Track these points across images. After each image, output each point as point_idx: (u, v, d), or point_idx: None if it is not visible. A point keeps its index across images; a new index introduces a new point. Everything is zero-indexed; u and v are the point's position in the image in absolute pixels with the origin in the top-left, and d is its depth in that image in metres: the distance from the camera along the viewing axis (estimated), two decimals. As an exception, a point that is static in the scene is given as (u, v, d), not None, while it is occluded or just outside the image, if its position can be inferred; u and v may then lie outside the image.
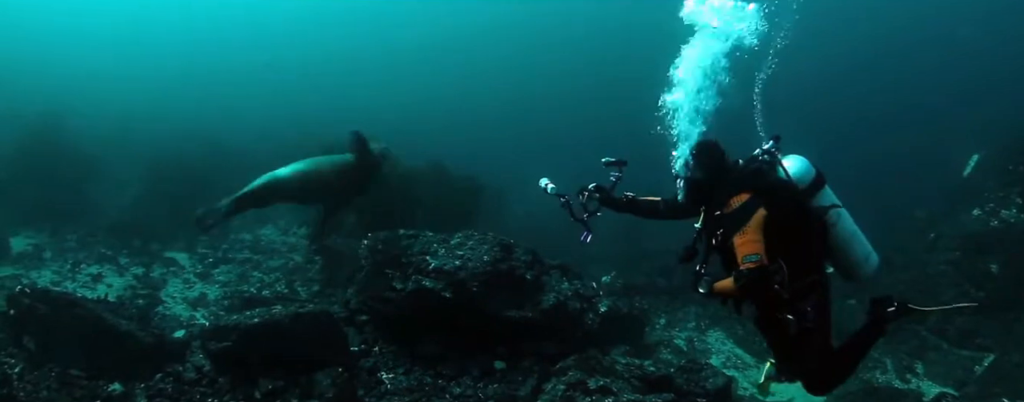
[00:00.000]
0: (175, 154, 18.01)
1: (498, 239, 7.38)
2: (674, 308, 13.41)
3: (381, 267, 7.42)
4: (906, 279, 13.08)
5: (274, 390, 6.61)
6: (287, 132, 21.15)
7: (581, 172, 5.30)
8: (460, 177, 12.92)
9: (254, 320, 6.86)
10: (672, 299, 13.54)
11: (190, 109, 27.75)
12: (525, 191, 13.57)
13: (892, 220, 15.29)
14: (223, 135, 21.60)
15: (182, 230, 14.46)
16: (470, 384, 6.86)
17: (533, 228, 13.72)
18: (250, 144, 21.00)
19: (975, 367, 11.02)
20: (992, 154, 14.54)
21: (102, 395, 6.51)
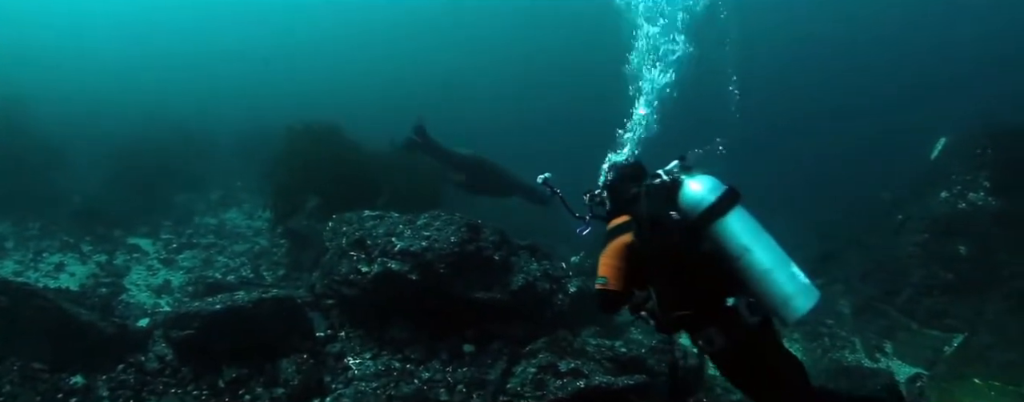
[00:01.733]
0: (140, 140, 17.75)
1: (465, 220, 7.23)
2: (642, 288, 13.41)
3: (346, 250, 7.25)
4: (876, 260, 13.19)
5: (238, 378, 6.49)
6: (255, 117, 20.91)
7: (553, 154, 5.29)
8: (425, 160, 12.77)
9: (216, 307, 6.71)
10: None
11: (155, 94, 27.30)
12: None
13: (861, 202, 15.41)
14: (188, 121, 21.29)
15: (146, 216, 14.26)
16: (439, 368, 6.73)
17: (501, 209, 13.63)
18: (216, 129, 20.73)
19: (944, 347, 11.10)
20: (959, 138, 14.63)
21: (64, 389, 6.31)
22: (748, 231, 4.06)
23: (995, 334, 10.65)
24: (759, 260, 3.97)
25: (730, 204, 4.12)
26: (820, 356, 11.30)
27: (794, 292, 3.90)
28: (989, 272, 11.81)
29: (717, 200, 4.10)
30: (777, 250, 4.03)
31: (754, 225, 4.11)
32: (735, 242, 4.03)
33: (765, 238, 4.06)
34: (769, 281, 3.94)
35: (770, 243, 4.04)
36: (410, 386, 6.45)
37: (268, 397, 6.29)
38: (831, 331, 12.13)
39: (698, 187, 4.16)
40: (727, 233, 4.05)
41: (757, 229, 4.10)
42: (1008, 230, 12.22)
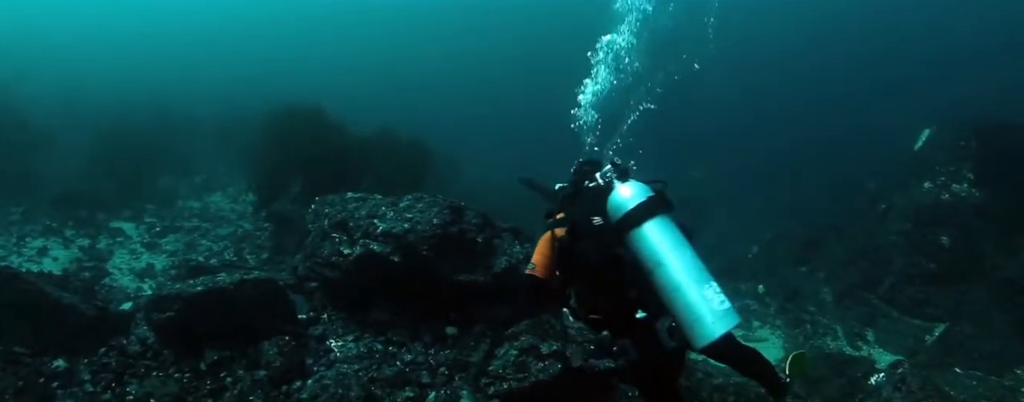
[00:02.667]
0: (123, 123, 17.61)
1: (448, 202, 7.19)
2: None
3: (328, 232, 7.20)
4: (858, 248, 13.25)
5: (220, 360, 6.46)
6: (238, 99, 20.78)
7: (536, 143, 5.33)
8: (409, 143, 12.75)
9: (197, 288, 6.67)
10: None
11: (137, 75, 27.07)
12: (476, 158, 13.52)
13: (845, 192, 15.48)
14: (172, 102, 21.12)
15: (130, 199, 14.18)
16: (421, 350, 6.72)
17: (485, 192, 13.61)
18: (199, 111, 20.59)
19: (926, 336, 11.18)
20: (944, 130, 14.70)
21: (46, 372, 6.27)
22: (666, 243, 3.93)
23: (977, 325, 10.73)
24: (671, 275, 3.85)
25: (650, 213, 4.01)
26: (802, 343, 11.35)
27: (703, 315, 3.72)
28: (972, 263, 11.90)
29: (636, 207, 4.03)
30: (695, 268, 3.85)
31: (675, 238, 3.97)
32: (649, 253, 3.93)
33: (684, 253, 3.91)
34: (679, 299, 3.80)
35: (688, 259, 3.88)
36: (392, 368, 6.43)
37: (250, 379, 6.25)
38: (813, 318, 12.20)
39: (624, 193, 4.11)
40: (643, 242, 3.96)
41: (678, 243, 3.94)
42: (991, 222, 12.31)
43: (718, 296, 3.75)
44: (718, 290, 3.78)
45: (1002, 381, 10.06)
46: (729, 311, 3.75)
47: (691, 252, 3.91)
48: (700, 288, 3.76)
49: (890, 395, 4.96)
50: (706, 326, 3.70)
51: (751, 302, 13.36)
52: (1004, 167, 13.07)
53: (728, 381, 6.72)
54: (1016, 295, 10.79)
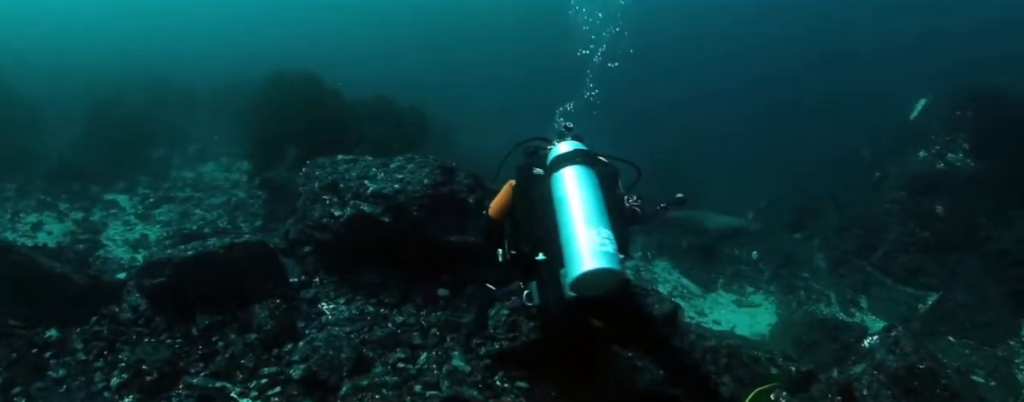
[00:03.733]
0: (116, 94, 17.52)
1: (439, 162, 7.13)
2: (619, 237, 13.51)
3: (318, 194, 7.16)
4: (852, 216, 13.26)
5: (211, 325, 6.42)
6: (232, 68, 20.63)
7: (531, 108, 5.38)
8: (405, 109, 12.70)
9: (188, 253, 6.62)
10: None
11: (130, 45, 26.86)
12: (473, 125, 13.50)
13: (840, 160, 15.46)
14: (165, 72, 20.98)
15: (123, 171, 14.13)
16: (413, 312, 6.70)
17: (479, 155, 13.60)
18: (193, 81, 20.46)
19: (919, 305, 11.22)
20: (939, 99, 14.65)
21: (39, 343, 6.22)
22: (572, 186, 4.15)
23: (970, 294, 10.75)
24: (565, 213, 4.05)
25: (570, 161, 4.31)
26: (795, 308, 11.39)
27: (579, 250, 3.82)
28: (966, 233, 11.90)
29: (561, 155, 4.38)
30: (591, 212, 4.00)
31: (584, 185, 4.16)
32: (556, 193, 4.18)
33: (586, 198, 4.08)
34: (564, 234, 3.97)
35: (587, 203, 4.05)
36: (383, 330, 6.42)
37: (241, 343, 6.23)
38: (807, 284, 12.24)
39: (560, 147, 4.49)
40: (554, 184, 4.24)
41: (584, 189, 4.13)
42: (985, 192, 12.30)
43: (601, 239, 3.84)
44: (606, 236, 3.87)
45: (995, 351, 10.10)
46: (606, 254, 3.80)
47: (595, 200, 4.09)
48: (587, 228, 3.93)
49: (883, 357, 4.96)
50: (578, 260, 3.81)
51: (745, 268, 13.41)
52: (1000, 138, 13.05)
53: (722, 343, 6.71)
54: (1010, 266, 10.81)
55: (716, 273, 13.13)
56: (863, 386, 4.92)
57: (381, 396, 5.58)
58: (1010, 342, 10.29)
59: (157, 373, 5.74)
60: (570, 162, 4.30)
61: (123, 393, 5.60)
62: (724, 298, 12.35)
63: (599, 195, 4.14)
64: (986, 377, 9.49)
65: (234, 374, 5.91)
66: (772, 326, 10.98)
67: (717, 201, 16.30)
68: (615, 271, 3.80)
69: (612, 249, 3.84)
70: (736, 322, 11.05)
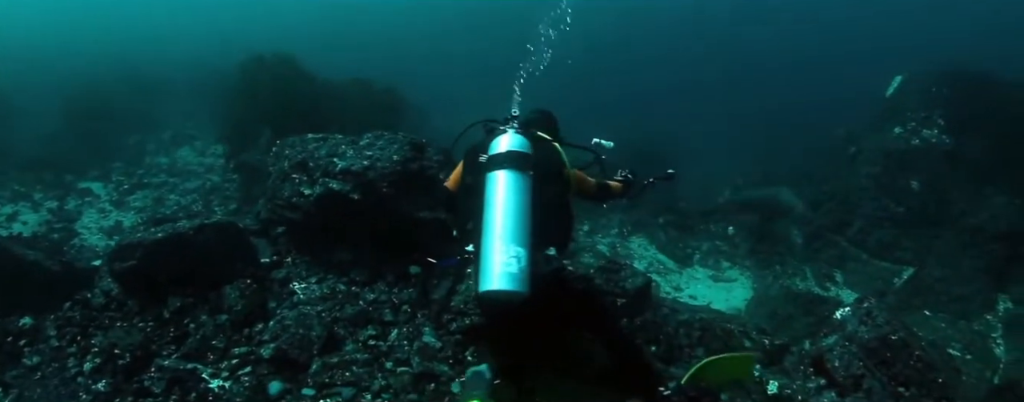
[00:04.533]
0: (89, 82, 17.34)
1: (409, 138, 7.07)
2: (597, 214, 13.53)
3: (288, 172, 7.09)
4: (828, 191, 13.34)
5: (183, 307, 6.36)
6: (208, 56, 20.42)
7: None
8: (381, 91, 12.66)
9: (158, 235, 6.54)
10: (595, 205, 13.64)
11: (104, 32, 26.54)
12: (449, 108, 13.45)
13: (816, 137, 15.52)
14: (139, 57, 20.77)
15: (98, 159, 14.02)
16: (384, 289, 6.66)
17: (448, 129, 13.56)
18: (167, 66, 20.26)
19: (894, 279, 11.32)
20: (915, 76, 14.72)
21: (13, 331, 6.18)
22: (503, 194, 4.13)
23: (945, 268, 10.85)
24: (490, 222, 4.06)
25: (506, 164, 4.24)
26: (771, 283, 11.45)
27: (489, 267, 3.93)
28: (940, 208, 12.00)
29: (498, 154, 4.31)
30: (513, 227, 4.02)
31: (515, 194, 4.14)
32: (488, 196, 4.18)
33: (512, 210, 4.08)
34: (483, 245, 4.03)
35: (512, 217, 4.06)
36: (355, 307, 6.38)
37: (212, 324, 6.19)
38: (782, 259, 12.30)
39: (503, 141, 4.40)
40: (488, 185, 4.21)
41: (514, 199, 4.12)
42: (960, 168, 12.39)
43: (508, 258, 3.90)
44: (520, 256, 3.93)
45: (971, 325, 10.20)
46: (508, 275, 3.89)
47: (520, 213, 4.09)
48: (504, 245, 3.95)
49: (855, 329, 4.96)
50: (483, 276, 3.96)
51: (721, 244, 13.47)
52: (975, 115, 13.14)
53: (694, 317, 6.73)
54: (985, 242, 10.92)
55: (692, 249, 13.17)
56: (835, 357, 4.89)
57: (351, 373, 5.56)
58: (987, 316, 10.41)
59: (130, 356, 5.71)
60: (500, 166, 4.26)
61: (96, 377, 5.58)
62: (700, 273, 12.40)
63: (521, 206, 4.13)
64: (962, 350, 9.59)
65: (205, 355, 5.89)
66: (748, 300, 11.04)
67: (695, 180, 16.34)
68: (513, 292, 3.91)
69: (517, 268, 3.90)
70: (712, 297, 11.11)
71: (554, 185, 4.52)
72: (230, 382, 5.58)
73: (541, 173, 4.38)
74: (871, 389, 4.62)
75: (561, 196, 4.63)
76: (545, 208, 4.29)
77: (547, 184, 4.42)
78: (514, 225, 4.04)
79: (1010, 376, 8.80)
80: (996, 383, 8.84)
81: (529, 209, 4.16)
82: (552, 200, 4.44)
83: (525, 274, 3.94)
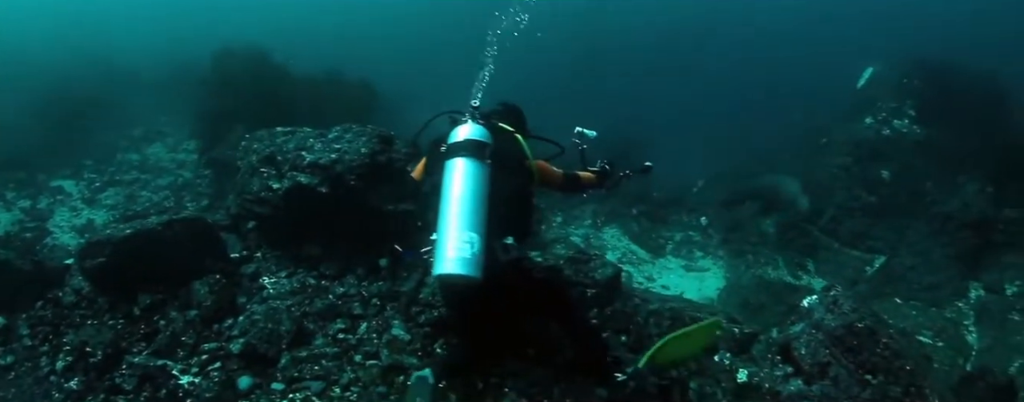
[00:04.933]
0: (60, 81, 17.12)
1: (377, 131, 7.05)
2: (571, 205, 13.57)
3: (256, 167, 7.05)
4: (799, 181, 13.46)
5: (152, 304, 6.35)
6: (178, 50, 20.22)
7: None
8: (354, 84, 12.64)
9: (126, 231, 6.49)
10: (568, 196, 13.68)
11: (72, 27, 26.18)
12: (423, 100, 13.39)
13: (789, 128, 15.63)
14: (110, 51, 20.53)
15: (69, 157, 13.90)
16: (354, 283, 6.66)
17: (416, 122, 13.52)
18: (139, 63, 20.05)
19: (866, 268, 11.42)
20: (886, 68, 14.87)
21: None
22: (459, 181, 4.24)
23: (917, 257, 10.95)
24: (446, 207, 4.18)
25: (463, 152, 4.33)
26: (743, 272, 11.53)
27: (442, 251, 4.06)
28: (912, 197, 12.12)
29: (456, 143, 4.41)
30: (468, 213, 4.13)
31: (471, 181, 4.24)
32: (445, 183, 4.28)
33: (468, 196, 4.18)
34: (441, 231, 4.14)
35: (467, 203, 4.16)
36: (324, 301, 6.37)
37: (182, 321, 6.18)
38: (755, 249, 12.39)
39: (461, 130, 4.50)
40: (445, 172, 4.31)
41: (470, 185, 4.22)
42: (931, 157, 12.52)
43: (466, 245, 4.02)
44: (473, 241, 4.04)
45: (942, 312, 10.30)
46: (462, 260, 4.00)
47: (474, 199, 4.19)
48: (458, 231, 4.06)
49: (822, 316, 5.00)
50: (439, 262, 4.08)
51: (694, 234, 13.56)
52: (945, 105, 13.29)
53: (664, 306, 6.76)
54: (955, 230, 11.01)
55: (665, 239, 13.25)
56: (801, 345, 4.91)
57: (321, 367, 5.55)
58: (958, 304, 10.50)
59: (101, 354, 5.72)
60: (456, 154, 4.35)
61: (69, 376, 5.60)
62: (673, 263, 12.49)
63: (476, 193, 4.22)
64: (933, 338, 9.67)
65: (175, 352, 5.88)
66: (720, 290, 11.12)
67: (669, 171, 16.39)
68: (465, 277, 4.00)
69: (470, 253, 4.01)
70: (685, 287, 11.18)
71: (514, 176, 4.59)
72: (200, 378, 5.58)
73: (500, 163, 4.45)
74: (837, 376, 4.65)
75: (522, 186, 4.69)
76: (503, 197, 4.37)
77: (506, 174, 4.49)
78: (468, 211, 4.12)
79: (982, 363, 8.88)
80: (968, 370, 8.91)
81: (484, 197, 4.24)
82: (511, 190, 4.50)
83: (478, 259, 4.03)
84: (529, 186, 4.79)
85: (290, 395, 5.30)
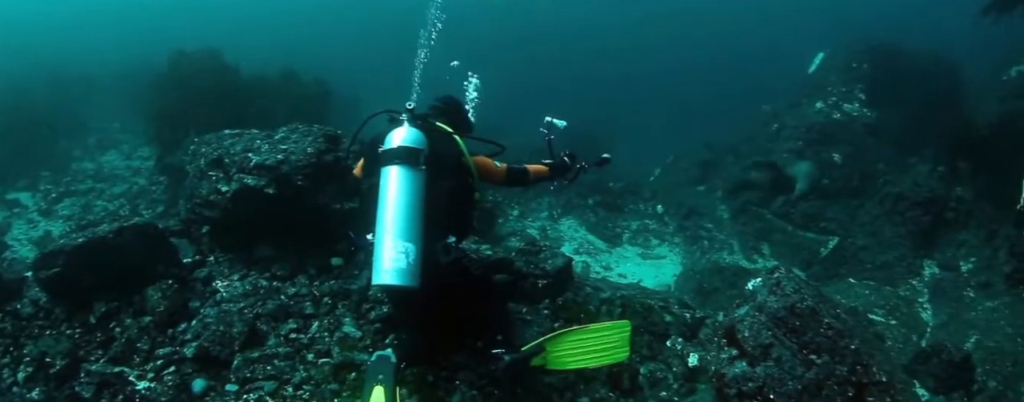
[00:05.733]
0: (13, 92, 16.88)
1: (323, 130, 7.09)
2: (527, 199, 13.65)
3: (205, 170, 7.04)
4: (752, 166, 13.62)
5: (108, 312, 6.34)
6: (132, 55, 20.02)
7: None
8: (310, 83, 12.62)
9: (79, 240, 6.47)
10: (525, 190, 13.76)
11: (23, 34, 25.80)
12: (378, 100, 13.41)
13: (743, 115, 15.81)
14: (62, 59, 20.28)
15: (24, 169, 13.74)
16: (306, 283, 6.69)
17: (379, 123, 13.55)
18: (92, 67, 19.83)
19: (820, 249, 11.58)
20: (837, 53, 15.10)
21: None
22: (394, 190, 4.26)
23: (869, 237, 11.09)
24: (382, 216, 4.24)
25: (396, 160, 4.34)
26: (698, 258, 11.67)
27: (378, 260, 4.18)
28: (864, 179, 12.30)
29: (391, 149, 4.40)
30: (403, 222, 4.18)
31: (406, 190, 4.27)
32: (381, 190, 4.32)
33: (403, 205, 4.22)
34: (377, 239, 4.24)
35: (402, 212, 4.20)
36: (276, 302, 6.39)
37: (136, 327, 6.19)
38: (710, 234, 12.55)
39: (397, 134, 4.47)
40: (381, 179, 4.34)
41: (405, 195, 4.25)
42: (882, 140, 12.73)
43: (401, 255, 4.11)
44: (408, 251, 4.13)
45: (896, 291, 10.44)
46: (396, 271, 4.12)
47: (409, 209, 4.24)
48: (393, 240, 4.14)
49: (765, 298, 5.05)
50: (376, 272, 4.20)
51: (651, 222, 13.69)
52: (895, 87, 13.52)
53: (615, 294, 6.86)
54: (907, 209, 11.15)
55: (622, 228, 13.38)
56: (745, 328, 4.93)
57: (273, 367, 5.59)
58: (912, 282, 10.62)
59: (60, 364, 5.76)
60: (391, 161, 4.37)
61: (30, 386, 5.64)
62: (630, 251, 12.61)
63: (410, 202, 4.27)
64: (885, 316, 9.78)
65: (131, 358, 5.90)
66: (677, 276, 11.24)
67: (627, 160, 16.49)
68: (400, 287, 4.14)
69: (406, 264, 4.12)
70: (642, 274, 11.31)
71: (450, 177, 4.63)
72: (156, 383, 5.61)
73: (436, 165, 4.49)
74: (780, 357, 4.70)
75: (460, 187, 4.73)
76: (441, 200, 4.44)
77: (442, 176, 4.52)
78: (403, 221, 4.18)
79: (937, 340, 9.00)
80: (923, 347, 9.05)
81: (419, 204, 4.29)
82: (448, 192, 4.55)
83: (413, 269, 4.12)
84: (468, 185, 4.83)
85: (244, 396, 5.36)
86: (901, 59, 14.27)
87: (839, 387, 4.52)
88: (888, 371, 4.84)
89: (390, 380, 4.44)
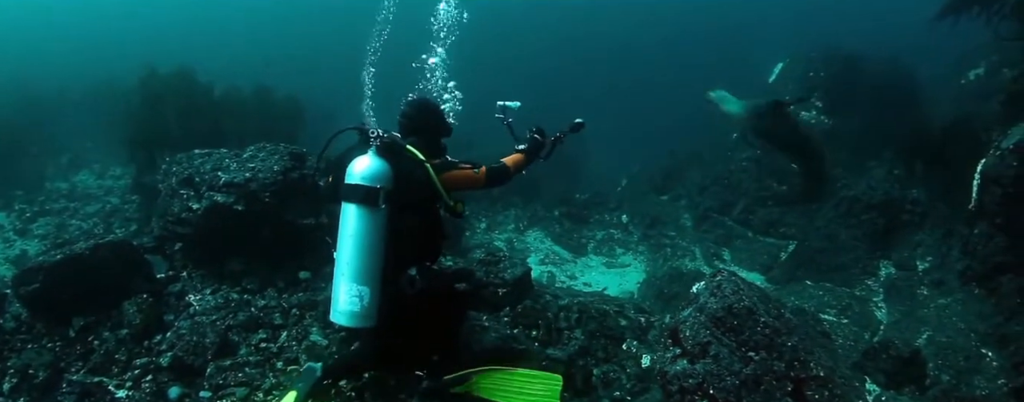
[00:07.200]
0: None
1: (289, 149, 7.38)
2: (495, 212, 13.85)
3: (176, 189, 7.31)
4: (713, 174, 13.95)
5: (86, 325, 6.61)
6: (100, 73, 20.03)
7: None
8: (283, 99, 12.78)
9: (57, 257, 6.72)
10: (493, 203, 14.02)
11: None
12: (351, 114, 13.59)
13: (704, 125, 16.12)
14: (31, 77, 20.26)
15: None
16: (275, 295, 6.96)
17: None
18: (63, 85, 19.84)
19: (780, 254, 11.85)
20: (795, 63, 15.45)
21: None
22: (353, 231, 4.23)
23: (826, 240, 11.37)
24: (341, 255, 4.28)
25: (355, 199, 4.22)
26: (661, 265, 11.94)
27: (336, 301, 4.27)
28: (820, 185, 12.59)
29: (351, 185, 4.24)
30: (358, 265, 4.21)
31: (363, 232, 4.22)
32: (341, 227, 4.29)
33: (360, 249, 4.21)
34: (335, 276, 4.32)
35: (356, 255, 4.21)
36: (247, 314, 6.66)
37: (114, 339, 6.44)
38: (673, 242, 12.84)
39: (360, 164, 4.27)
40: (342, 216, 4.31)
41: (361, 237, 4.21)
42: (839, 146, 13.02)
43: (356, 299, 4.21)
44: (363, 295, 4.22)
45: (853, 291, 10.71)
46: (350, 313, 4.24)
47: (366, 252, 4.24)
48: (347, 283, 4.21)
49: (706, 300, 5.28)
50: (333, 311, 4.30)
51: (615, 232, 13.99)
52: (851, 94, 13.88)
53: (573, 301, 7.15)
54: (861, 212, 11.41)
55: (587, 238, 13.69)
56: (687, 328, 5.12)
57: (244, 374, 5.86)
58: (868, 282, 10.88)
59: (43, 375, 6.01)
60: (350, 198, 4.27)
61: (15, 397, 5.89)
62: (594, 261, 12.87)
63: (368, 245, 4.23)
64: (837, 315, 10.04)
65: (110, 368, 6.19)
66: (640, 283, 11.52)
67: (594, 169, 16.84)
68: (354, 328, 4.31)
69: (360, 307, 4.21)
70: (607, 283, 11.56)
71: (416, 211, 4.54)
72: (134, 391, 5.88)
73: (402, 198, 4.35)
74: (718, 354, 4.91)
75: (427, 219, 4.65)
76: (404, 235, 4.42)
77: (407, 209, 4.43)
78: (359, 263, 4.21)
79: (888, 336, 9.26)
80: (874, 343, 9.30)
81: (378, 245, 4.27)
82: (413, 227, 4.50)
83: (368, 310, 4.22)
84: (435, 214, 4.71)
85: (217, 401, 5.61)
86: (857, 66, 14.60)
87: (778, 382, 4.72)
88: (829, 367, 5.09)
89: (306, 389, 4.70)
